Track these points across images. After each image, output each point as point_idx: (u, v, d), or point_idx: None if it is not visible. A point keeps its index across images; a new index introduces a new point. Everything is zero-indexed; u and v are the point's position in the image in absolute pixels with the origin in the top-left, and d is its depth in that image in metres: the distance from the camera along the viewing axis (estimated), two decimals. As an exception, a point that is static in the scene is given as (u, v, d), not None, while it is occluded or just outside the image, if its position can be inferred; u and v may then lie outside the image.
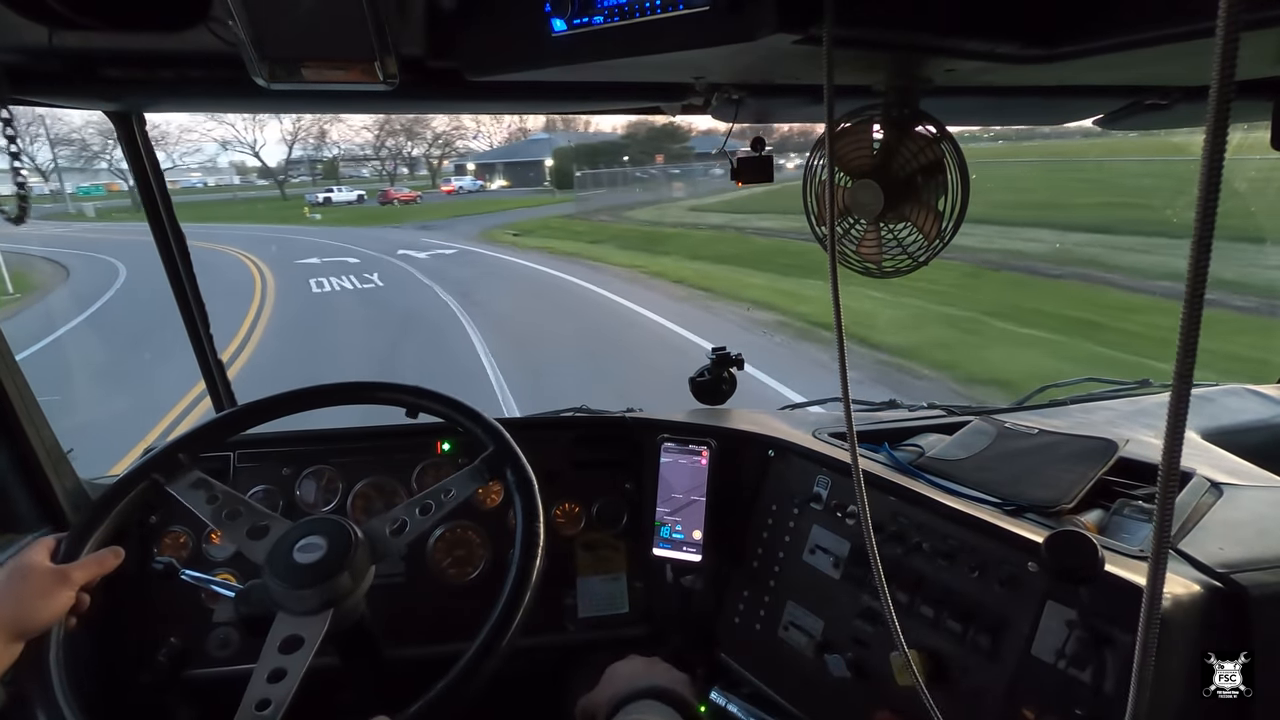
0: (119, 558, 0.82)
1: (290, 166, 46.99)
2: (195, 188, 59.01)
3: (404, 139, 46.08)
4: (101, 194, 39.94)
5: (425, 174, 51.14)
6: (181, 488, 0.91)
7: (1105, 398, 1.60)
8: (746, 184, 1.12)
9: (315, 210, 31.28)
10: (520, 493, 0.92)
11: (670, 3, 0.63)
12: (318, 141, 46.20)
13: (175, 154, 41.91)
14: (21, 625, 0.73)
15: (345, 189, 39.95)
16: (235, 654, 1.25)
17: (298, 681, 0.73)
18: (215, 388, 1.46)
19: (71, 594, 0.77)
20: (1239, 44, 0.35)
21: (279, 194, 41.41)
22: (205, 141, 47.57)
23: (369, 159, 50.46)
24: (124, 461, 4.76)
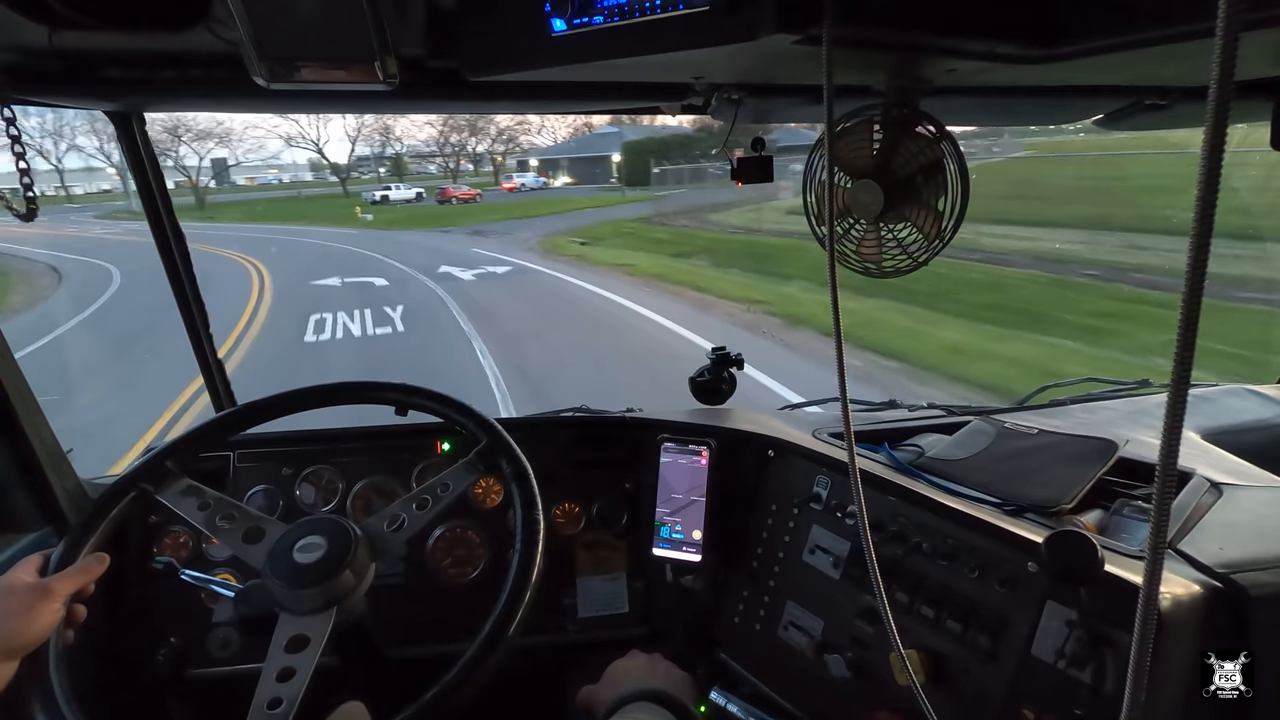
0: (104, 565, 0.82)
1: (360, 163, 46.24)
2: (271, 184, 58.87)
3: (467, 135, 44.76)
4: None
5: (490, 170, 50.06)
6: (171, 495, 0.90)
7: (1105, 398, 1.60)
8: (747, 184, 1.12)
9: (369, 210, 29.39)
10: (517, 483, 0.92)
11: (670, 3, 0.63)
12: (383, 138, 45.28)
13: (239, 150, 41.55)
14: (9, 644, 0.72)
15: (404, 186, 38.39)
16: (235, 654, 1.25)
17: (308, 679, 0.74)
18: (215, 387, 1.46)
19: (57, 607, 0.76)
20: (1239, 44, 0.35)
21: (343, 192, 40.68)
22: (269, 138, 46.70)
23: (434, 156, 49.55)
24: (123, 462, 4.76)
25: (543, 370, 6.14)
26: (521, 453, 0.95)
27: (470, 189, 35.21)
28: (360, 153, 47.98)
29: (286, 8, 0.72)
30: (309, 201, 38.09)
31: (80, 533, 0.85)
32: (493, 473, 0.96)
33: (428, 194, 36.31)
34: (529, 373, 6.07)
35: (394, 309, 9.09)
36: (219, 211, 33.19)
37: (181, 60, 0.91)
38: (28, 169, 0.98)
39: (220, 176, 47.07)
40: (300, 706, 0.72)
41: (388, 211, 30.78)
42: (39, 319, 10.43)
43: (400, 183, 41.39)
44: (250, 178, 61.91)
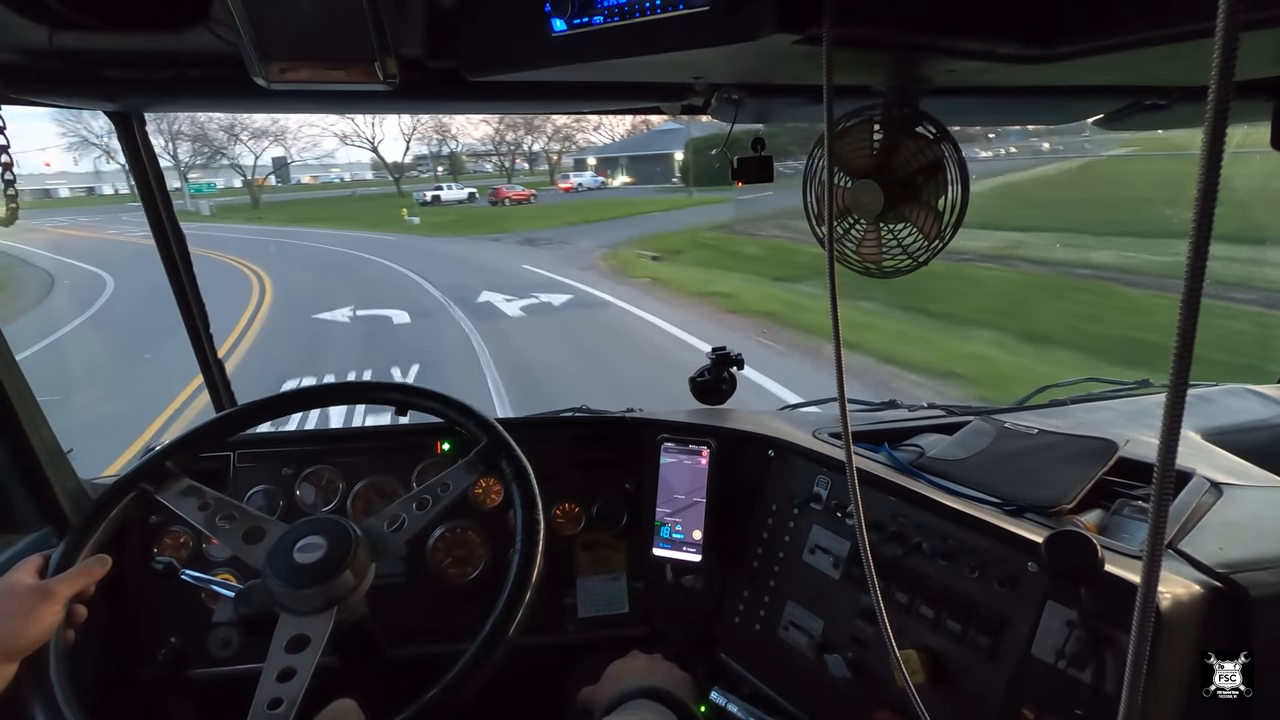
0: (106, 566, 0.81)
1: (418, 162, 44.92)
2: (333, 183, 58.23)
3: (523, 133, 42.68)
4: (214, 190, 38.60)
5: (545, 169, 48.35)
6: (171, 496, 0.90)
7: (1105, 398, 1.60)
8: (747, 184, 1.12)
9: (417, 211, 26.51)
10: (517, 483, 0.92)
11: (670, 3, 0.63)
12: (439, 136, 44.30)
13: (294, 149, 40.74)
14: (9, 645, 0.72)
15: (456, 186, 36.56)
16: (236, 654, 1.25)
17: (308, 679, 0.74)
18: (215, 387, 1.46)
19: (58, 609, 0.76)
20: (1239, 44, 0.35)
21: (397, 191, 39.02)
22: (325, 136, 45.02)
23: (490, 154, 48.09)
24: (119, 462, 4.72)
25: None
26: (521, 453, 0.95)
27: (524, 189, 32.82)
28: (418, 151, 46.59)
29: (286, 8, 0.72)
30: (361, 202, 36.52)
31: (80, 533, 0.85)
32: (493, 473, 0.96)
33: (480, 194, 34.35)
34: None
35: (404, 369, 6.42)
36: (269, 212, 32.27)
37: (181, 60, 0.91)
38: (9, 169, 0.98)
39: (281, 174, 46.25)
40: (300, 707, 0.72)
41: (437, 213, 28.11)
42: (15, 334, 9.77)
43: (453, 182, 39.50)
44: (314, 176, 61.23)
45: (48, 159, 47.22)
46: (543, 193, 33.94)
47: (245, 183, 38.49)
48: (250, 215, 30.96)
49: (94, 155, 39.29)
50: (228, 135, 34.48)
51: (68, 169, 51.80)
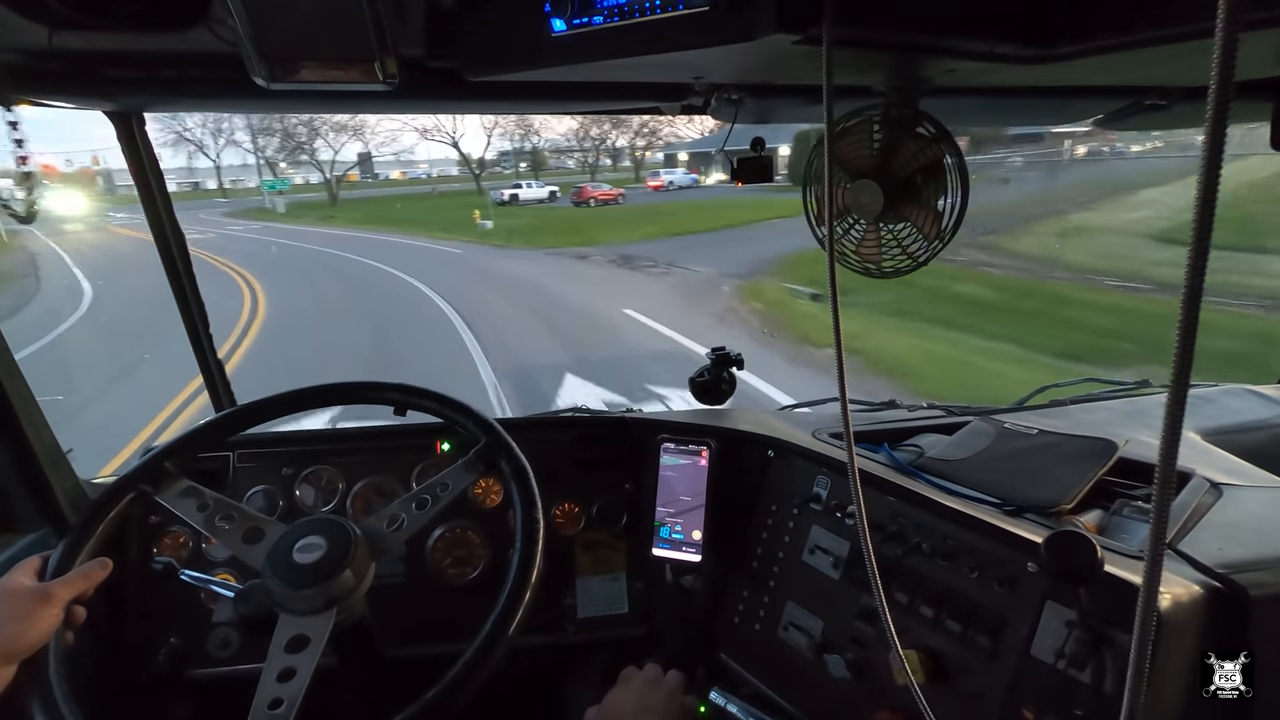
0: (106, 569, 0.81)
1: (501, 158, 42.68)
2: (420, 179, 57.00)
3: (608, 127, 39.16)
4: (288, 187, 36.13)
5: (629, 165, 45.71)
6: (170, 496, 0.90)
7: (1105, 398, 1.60)
8: (747, 184, 1.12)
9: (490, 213, 21.82)
10: (516, 482, 0.92)
11: (670, 3, 0.63)
12: (521, 131, 41.45)
13: (372, 143, 39.20)
14: (8, 648, 0.72)
15: (536, 184, 33.09)
16: (235, 654, 1.25)
17: (308, 679, 0.74)
18: (215, 388, 1.46)
19: (57, 611, 0.76)
20: (1239, 44, 0.35)
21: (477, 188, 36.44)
22: (405, 131, 43.30)
23: (573, 150, 45.24)
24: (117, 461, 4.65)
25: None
26: (520, 452, 0.95)
27: (612, 188, 28.74)
28: (500, 147, 44.47)
29: (286, 7, 0.72)
30: (436, 201, 33.65)
31: (79, 535, 0.85)
32: (492, 472, 0.96)
33: (562, 192, 30.66)
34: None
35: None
36: (344, 210, 30.54)
37: (181, 60, 0.92)
38: (30, 172, 0.98)
39: (365, 169, 45.23)
40: (300, 707, 0.72)
41: (513, 215, 24.22)
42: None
43: (532, 180, 35.88)
44: (403, 172, 60.66)
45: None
46: (630, 192, 30.15)
47: (325, 179, 37.19)
48: (324, 213, 29.22)
49: (188, 150, 39.40)
50: (309, 130, 33.33)
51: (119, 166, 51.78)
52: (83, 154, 52.43)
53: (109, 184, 62.76)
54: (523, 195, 31.01)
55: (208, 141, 38.19)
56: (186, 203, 42.43)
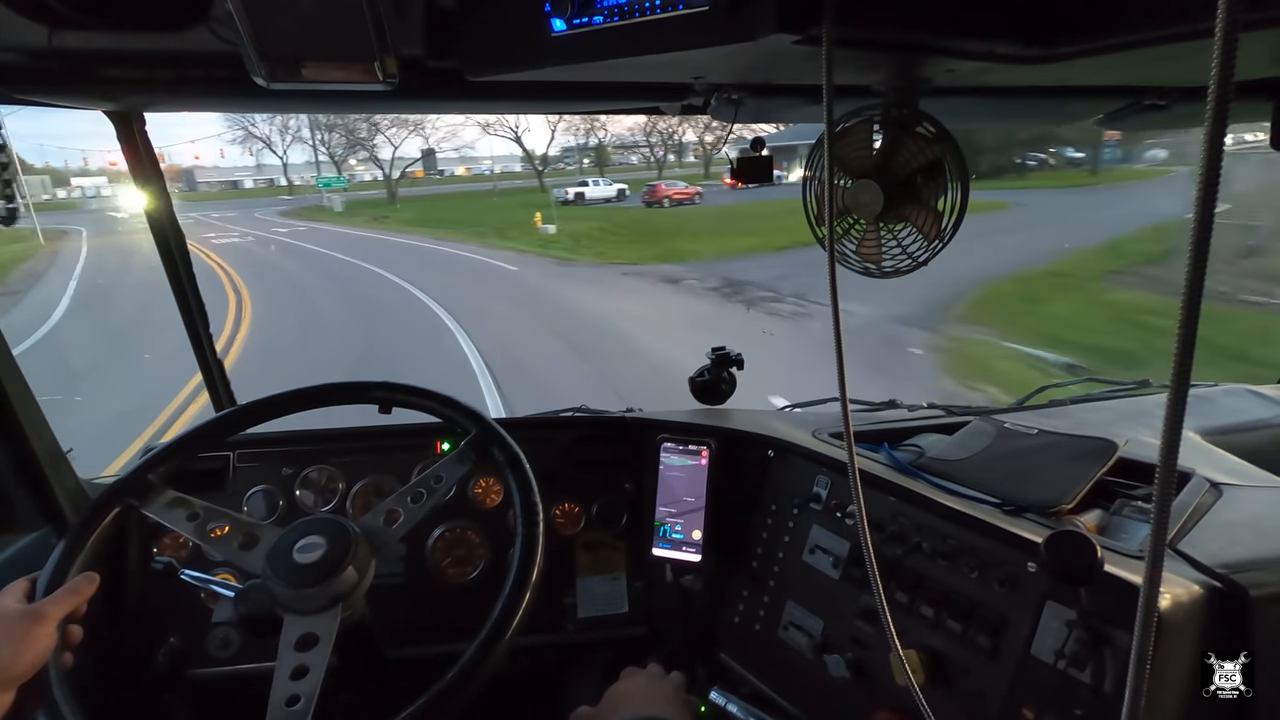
0: (94, 584, 0.80)
1: (564, 154, 40.58)
2: (484, 175, 55.63)
3: (677, 120, 37.00)
4: (344, 185, 35.66)
5: (692, 160, 43.18)
6: (157, 509, 0.89)
7: (1105, 398, 1.60)
8: (746, 184, 1.11)
9: (553, 216, 18.74)
10: (511, 469, 0.92)
11: (670, 3, 0.63)
12: (586, 126, 39.54)
13: (433, 138, 37.83)
14: (2, 673, 0.70)
15: (603, 182, 30.01)
16: (235, 654, 1.25)
17: (321, 676, 0.74)
18: (215, 388, 1.46)
19: (50, 631, 0.74)
20: (1238, 44, 0.35)
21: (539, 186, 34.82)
22: (466, 126, 40.75)
23: (638, 146, 42.72)
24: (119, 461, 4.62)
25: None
26: (512, 440, 0.94)
27: (688, 186, 25.70)
28: (563, 142, 42.03)
29: (286, 8, 0.72)
30: (496, 199, 31.38)
31: (67, 552, 0.83)
32: (485, 461, 0.95)
33: (632, 190, 27.64)
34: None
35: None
36: (400, 210, 28.94)
37: (181, 60, 0.91)
38: (7, 170, 0.98)
39: (428, 164, 44.03)
40: (317, 704, 0.72)
41: (578, 216, 20.84)
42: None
43: (599, 177, 32.83)
44: (467, 168, 59.74)
45: (197, 152, 47.07)
46: (705, 189, 26.58)
47: (384, 176, 36.07)
48: (379, 213, 27.43)
49: (257, 148, 39.03)
50: (369, 126, 32.05)
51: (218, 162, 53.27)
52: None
53: (189, 182, 62.98)
54: (588, 194, 27.37)
55: (275, 138, 37.66)
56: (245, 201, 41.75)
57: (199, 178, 60.71)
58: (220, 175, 62.74)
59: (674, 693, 0.89)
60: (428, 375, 6.88)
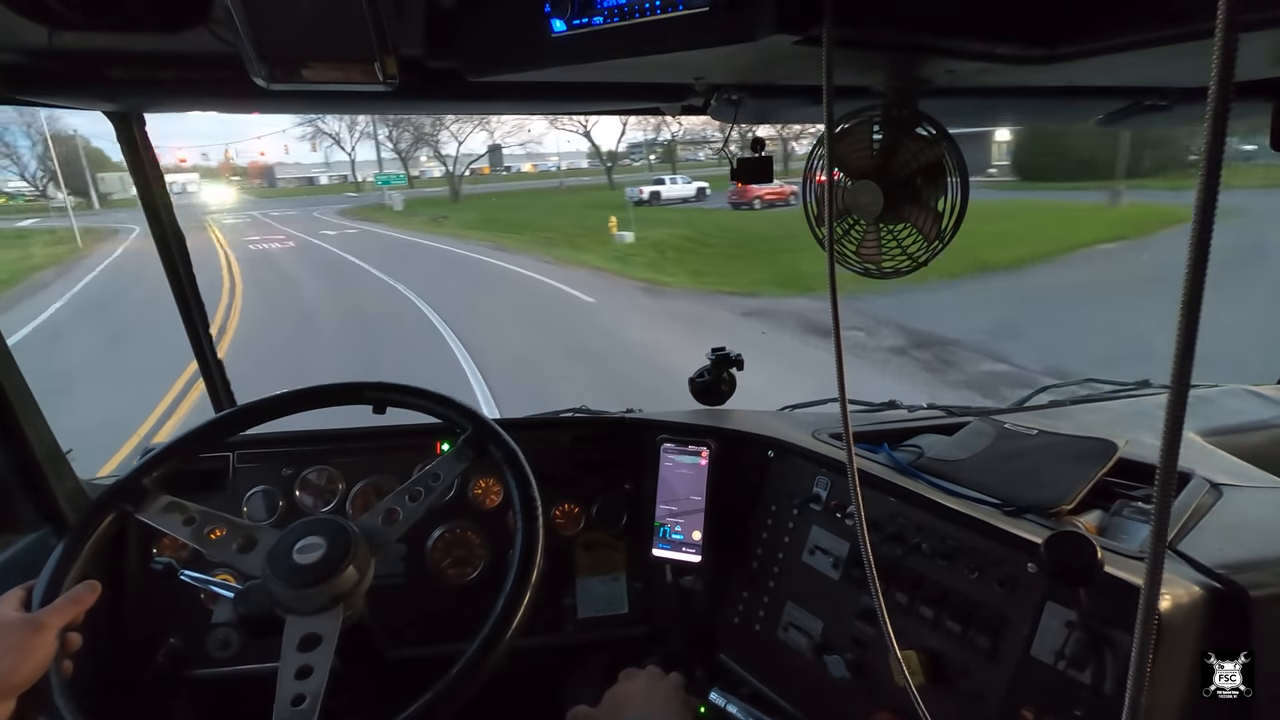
0: (95, 592, 0.79)
1: (631, 150, 38.10)
2: (550, 171, 53.52)
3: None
4: (403, 182, 34.45)
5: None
6: (152, 514, 0.88)
7: (1105, 398, 1.60)
8: (746, 184, 1.11)
9: (630, 221, 15.94)
10: (508, 465, 0.92)
11: (670, 3, 0.63)
12: (659, 119, 35.65)
13: (498, 133, 35.46)
14: (2, 683, 0.70)
15: (681, 179, 26.62)
16: (235, 654, 1.25)
17: (326, 676, 0.74)
18: (215, 387, 1.46)
19: (50, 639, 0.73)
20: (1238, 44, 0.35)
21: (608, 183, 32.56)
22: (533, 120, 38.02)
23: (709, 141, 39.02)
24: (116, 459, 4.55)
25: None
26: (509, 437, 0.94)
27: (783, 184, 21.34)
28: (631, 137, 39.26)
29: (286, 8, 0.72)
30: (563, 196, 29.57)
31: (63, 560, 0.83)
32: (482, 458, 0.95)
33: (713, 188, 24.55)
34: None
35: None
36: (462, 209, 27.27)
37: (181, 60, 0.91)
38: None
39: (494, 160, 42.83)
40: (323, 703, 0.72)
41: (658, 220, 17.22)
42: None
43: (674, 174, 29.19)
44: (534, 164, 58.01)
45: (263, 148, 46.57)
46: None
47: (446, 173, 34.37)
48: (438, 212, 25.20)
49: (326, 144, 37.70)
50: (432, 121, 30.30)
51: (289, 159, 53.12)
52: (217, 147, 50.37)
53: (270, 179, 62.85)
54: (665, 193, 23.64)
55: (344, 134, 36.38)
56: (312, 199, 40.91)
57: (278, 174, 60.97)
58: (299, 172, 62.84)
59: (673, 693, 0.88)
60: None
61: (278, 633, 0.78)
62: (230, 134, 38.62)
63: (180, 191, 52.39)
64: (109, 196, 45.26)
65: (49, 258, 17.18)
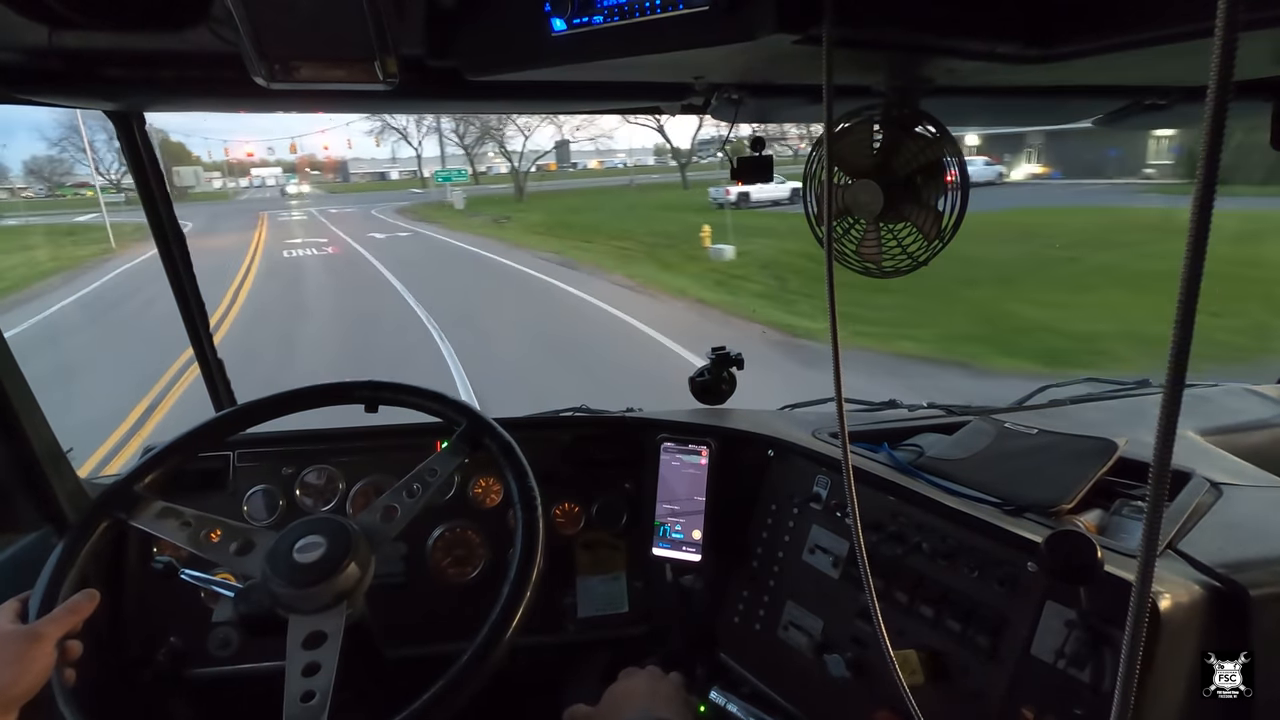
0: (94, 601, 0.78)
1: (698, 147, 34.16)
2: (616, 168, 51.81)
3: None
4: (465, 179, 32.17)
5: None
6: (147, 520, 0.88)
7: (1105, 398, 1.60)
8: (747, 184, 1.11)
9: (727, 229, 12.95)
10: (504, 457, 0.92)
11: (670, 2, 0.63)
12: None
13: (566, 127, 33.06)
14: (2, 695, 0.69)
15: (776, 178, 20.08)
16: (235, 654, 1.25)
17: (334, 672, 0.74)
18: (215, 387, 1.46)
19: (48, 650, 0.73)
20: (1238, 44, 0.35)
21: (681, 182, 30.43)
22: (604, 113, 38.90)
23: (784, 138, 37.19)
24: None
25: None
26: (504, 430, 0.94)
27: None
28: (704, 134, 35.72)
29: (286, 8, 0.72)
30: (634, 195, 27.33)
31: (58, 569, 0.82)
32: (478, 453, 0.95)
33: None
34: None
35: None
36: (528, 208, 25.55)
37: (181, 60, 0.92)
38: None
39: (561, 156, 41.51)
40: (332, 700, 0.72)
41: (754, 229, 13.83)
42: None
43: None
44: (600, 161, 56.29)
45: (326, 142, 47.22)
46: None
47: (511, 169, 32.27)
48: (501, 212, 22.91)
49: (393, 140, 37.09)
50: (500, 116, 28.09)
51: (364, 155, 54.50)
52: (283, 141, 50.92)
53: (344, 174, 62.37)
54: (756, 194, 20.49)
55: (411, 129, 35.49)
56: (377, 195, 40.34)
57: (352, 170, 61.55)
58: (372, 167, 63.29)
59: (674, 692, 0.88)
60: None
61: (278, 632, 0.78)
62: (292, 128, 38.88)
63: (259, 185, 52.40)
64: (189, 190, 45.59)
65: (67, 261, 15.57)
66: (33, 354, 7.03)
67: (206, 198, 44.56)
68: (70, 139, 36.36)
